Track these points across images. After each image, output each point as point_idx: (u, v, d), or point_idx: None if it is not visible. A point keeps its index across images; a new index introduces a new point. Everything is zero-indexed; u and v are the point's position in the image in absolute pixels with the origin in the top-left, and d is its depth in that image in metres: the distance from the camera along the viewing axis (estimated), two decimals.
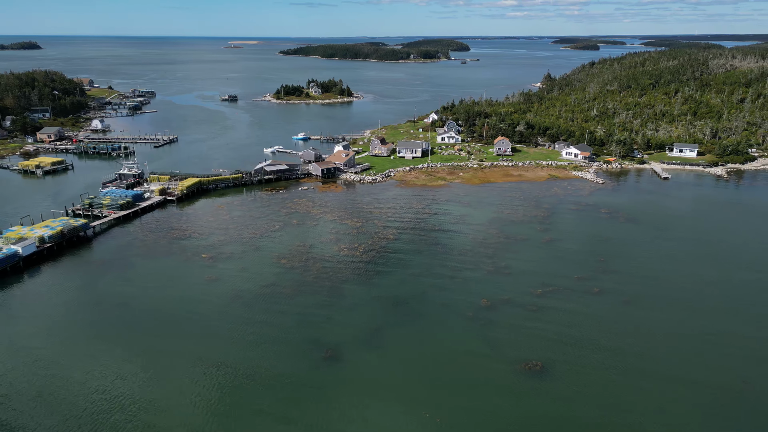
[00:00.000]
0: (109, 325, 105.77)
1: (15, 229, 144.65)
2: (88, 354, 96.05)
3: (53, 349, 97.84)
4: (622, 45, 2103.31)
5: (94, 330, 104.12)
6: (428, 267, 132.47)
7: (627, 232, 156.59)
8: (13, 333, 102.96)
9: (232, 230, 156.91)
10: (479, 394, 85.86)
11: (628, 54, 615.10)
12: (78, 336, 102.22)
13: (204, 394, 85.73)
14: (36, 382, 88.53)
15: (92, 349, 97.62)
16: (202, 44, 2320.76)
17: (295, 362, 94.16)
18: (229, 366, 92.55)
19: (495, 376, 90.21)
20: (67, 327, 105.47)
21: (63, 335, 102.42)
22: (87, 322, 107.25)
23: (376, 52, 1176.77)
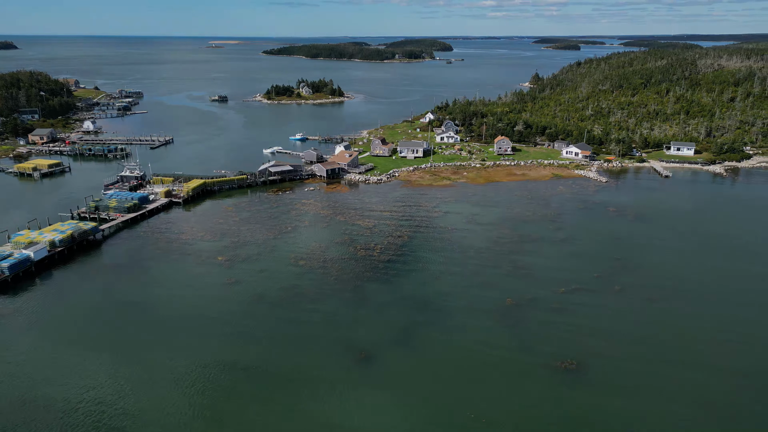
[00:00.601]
0: (136, 330, 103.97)
1: (23, 233, 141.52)
2: (123, 361, 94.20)
3: (83, 356, 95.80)
4: (602, 45, 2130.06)
5: (121, 335, 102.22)
6: (447, 267, 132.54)
7: (638, 229, 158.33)
8: (37, 340, 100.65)
9: (244, 232, 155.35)
10: (518, 393, 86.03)
11: (613, 54, 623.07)
12: (107, 343, 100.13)
13: (248, 398, 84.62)
14: (74, 393, 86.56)
15: (125, 355, 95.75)
16: (182, 44, 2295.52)
17: (331, 364, 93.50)
18: (266, 369, 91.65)
19: (531, 376, 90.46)
20: (93, 333, 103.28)
21: (90, 342, 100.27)
22: (112, 327, 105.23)
23: (361, 52, 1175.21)
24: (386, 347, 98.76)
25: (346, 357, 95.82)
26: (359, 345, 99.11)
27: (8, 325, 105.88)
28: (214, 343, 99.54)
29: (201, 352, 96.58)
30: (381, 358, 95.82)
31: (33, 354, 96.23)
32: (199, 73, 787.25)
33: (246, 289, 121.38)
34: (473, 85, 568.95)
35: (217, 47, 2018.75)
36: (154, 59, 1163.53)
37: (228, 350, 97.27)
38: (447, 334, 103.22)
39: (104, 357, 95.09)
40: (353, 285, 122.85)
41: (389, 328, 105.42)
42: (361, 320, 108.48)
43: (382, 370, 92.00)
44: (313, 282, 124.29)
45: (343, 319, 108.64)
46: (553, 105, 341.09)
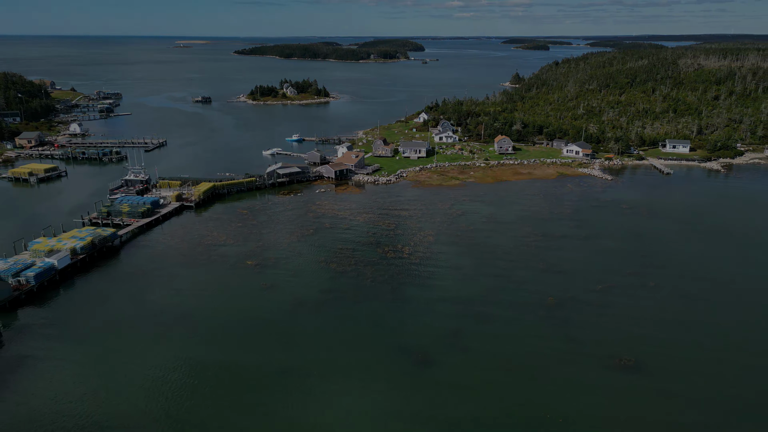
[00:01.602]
0: (183, 339, 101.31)
1: (40, 240, 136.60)
2: (174, 371, 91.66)
3: (135, 366, 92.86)
4: (569, 45, 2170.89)
5: (172, 345, 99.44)
6: (478, 267, 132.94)
7: (655, 226, 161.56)
8: (77, 353, 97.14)
9: (265, 235, 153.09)
10: (585, 392, 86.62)
11: (589, 54, 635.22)
12: (160, 353, 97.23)
13: (324, 401, 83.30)
14: (139, 404, 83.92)
15: (178, 367, 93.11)
16: (147, 44, 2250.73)
17: (393, 366, 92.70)
18: (326, 375, 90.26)
19: (592, 374, 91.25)
20: (139, 343, 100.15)
21: (140, 352, 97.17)
22: (158, 337, 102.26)
23: (336, 52, 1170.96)
24: (442, 349, 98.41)
25: (405, 359, 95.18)
26: (414, 347, 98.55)
27: (45, 337, 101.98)
28: (271, 348, 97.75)
29: (259, 357, 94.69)
30: (440, 359, 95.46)
31: (79, 368, 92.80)
32: (173, 73, 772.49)
33: (284, 293, 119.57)
34: (455, 85, 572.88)
35: (185, 47, 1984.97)
36: (124, 59, 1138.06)
37: (287, 354, 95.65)
38: (498, 334, 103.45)
39: (162, 368, 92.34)
40: (391, 287, 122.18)
41: (438, 329, 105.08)
42: (409, 322, 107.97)
43: (445, 372, 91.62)
44: (349, 284, 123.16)
45: (390, 322, 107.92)
46: (543, 104, 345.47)
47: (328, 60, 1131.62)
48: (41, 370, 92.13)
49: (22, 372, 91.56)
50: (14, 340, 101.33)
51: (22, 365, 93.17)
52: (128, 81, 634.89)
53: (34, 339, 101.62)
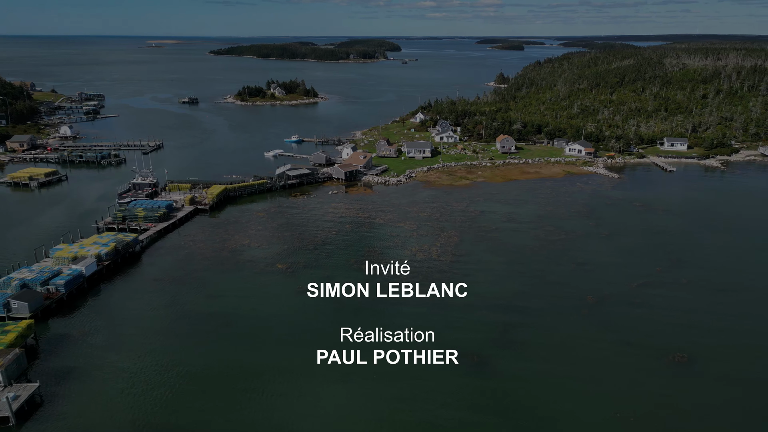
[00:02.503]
0: (234, 348, 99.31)
1: (62, 247, 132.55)
2: (228, 377, 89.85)
3: (188, 377, 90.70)
4: (542, 45, 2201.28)
5: (219, 353, 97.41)
6: (510, 266, 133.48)
7: (672, 223, 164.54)
8: (124, 363, 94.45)
9: (288, 238, 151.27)
10: (648, 390, 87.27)
11: (571, 53, 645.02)
12: (205, 361, 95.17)
13: (384, 409, 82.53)
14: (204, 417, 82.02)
15: (232, 373, 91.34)
16: (117, 43, 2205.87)
17: (448, 369, 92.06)
18: (390, 378, 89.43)
19: (649, 371, 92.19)
20: (186, 351, 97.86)
21: (187, 361, 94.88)
22: (203, 344, 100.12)
23: (314, 52, 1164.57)
24: (492, 349, 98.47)
25: (461, 360, 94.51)
26: (466, 348, 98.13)
27: (86, 346, 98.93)
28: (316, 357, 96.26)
29: (310, 366, 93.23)
30: (494, 360, 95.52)
31: (129, 377, 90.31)
32: (152, 74, 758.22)
33: (322, 296, 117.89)
34: (440, 85, 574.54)
35: (157, 47, 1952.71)
36: (97, 60, 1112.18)
37: (338, 363, 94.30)
38: (546, 333, 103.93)
39: (215, 375, 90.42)
40: (429, 288, 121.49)
41: (485, 329, 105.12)
42: (454, 323, 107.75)
43: (503, 372, 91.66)
44: None
45: (435, 323, 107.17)
46: (536, 104, 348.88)
47: (306, 60, 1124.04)
48: (89, 381, 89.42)
49: (70, 384, 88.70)
50: (54, 351, 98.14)
51: (68, 377, 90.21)
52: (107, 82, 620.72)
53: (75, 349, 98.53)
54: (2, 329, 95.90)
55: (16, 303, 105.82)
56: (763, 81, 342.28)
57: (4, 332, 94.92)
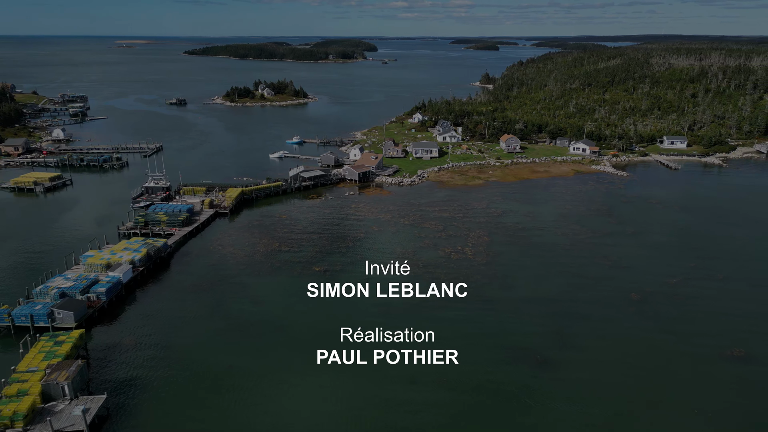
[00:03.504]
0: (290, 353, 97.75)
1: (92, 254, 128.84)
2: (313, 386, 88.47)
3: (260, 386, 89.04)
4: (516, 46, 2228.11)
5: (283, 362, 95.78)
6: (547, 266, 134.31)
7: (692, 220, 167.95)
8: (193, 374, 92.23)
9: (317, 240, 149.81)
10: (715, 387, 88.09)
11: (553, 53, 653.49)
12: (271, 367, 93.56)
13: (445, 410, 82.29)
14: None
15: (313, 385, 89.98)
16: (85, 44, 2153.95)
17: (516, 371, 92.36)
18: (453, 381, 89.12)
19: (713, 366, 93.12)
20: (248, 357, 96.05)
21: (251, 371, 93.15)
22: (263, 351, 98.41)
23: (293, 53, 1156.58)
24: (552, 349, 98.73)
25: (523, 362, 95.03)
26: (525, 349, 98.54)
27: (141, 357, 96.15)
28: (380, 360, 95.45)
29: (379, 370, 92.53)
30: (557, 360, 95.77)
31: (194, 388, 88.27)
32: (131, 75, 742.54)
33: (365, 299, 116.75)
34: (426, 85, 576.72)
35: (128, 47, 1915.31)
36: (69, 60, 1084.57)
37: (402, 366, 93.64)
38: (601, 331, 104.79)
39: (283, 381, 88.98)
40: (472, 288, 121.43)
41: (539, 329, 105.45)
42: (506, 322, 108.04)
43: (571, 373, 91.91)
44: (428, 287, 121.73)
45: (489, 323, 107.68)
46: (530, 103, 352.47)
47: (285, 60, 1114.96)
48: (151, 391, 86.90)
49: (133, 395, 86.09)
50: (107, 360, 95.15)
51: (129, 387, 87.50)
52: (86, 83, 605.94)
53: (129, 358, 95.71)
54: (55, 340, 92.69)
55: (61, 312, 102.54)
56: (749, 80, 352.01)
57: (57, 343, 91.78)
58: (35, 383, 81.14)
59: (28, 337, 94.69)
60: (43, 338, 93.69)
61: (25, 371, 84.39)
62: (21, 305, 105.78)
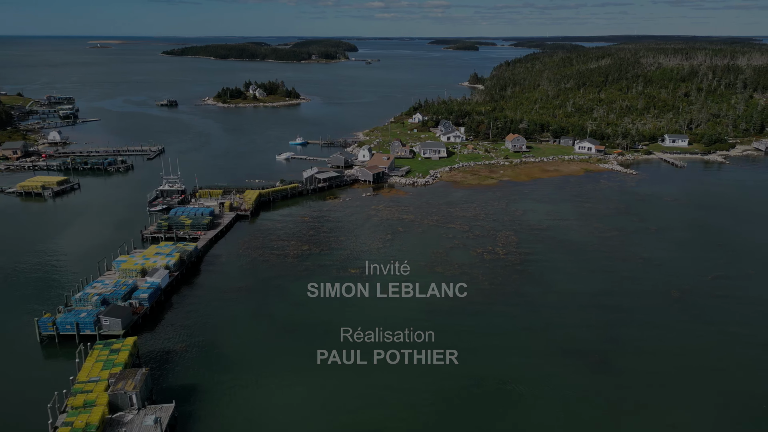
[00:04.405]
0: (352, 355, 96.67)
1: (125, 259, 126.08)
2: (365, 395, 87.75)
3: (320, 391, 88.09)
4: (494, 46, 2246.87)
5: (341, 365, 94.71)
6: (579, 264, 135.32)
7: (711, 217, 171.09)
8: (256, 379, 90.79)
9: (345, 242, 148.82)
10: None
11: (539, 54, 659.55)
12: (331, 373, 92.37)
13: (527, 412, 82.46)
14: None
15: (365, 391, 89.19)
16: (57, 44, 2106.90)
17: (575, 373, 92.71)
18: (516, 381, 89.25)
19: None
20: (306, 360, 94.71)
21: (315, 375, 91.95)
22: (320, 355, 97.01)
23: (275, 53, 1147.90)
24: (606, 349, 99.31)
25: (581, 362, 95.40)
26: (579, 348, 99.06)
27: (194, 364, 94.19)
28: (436, 362, 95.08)
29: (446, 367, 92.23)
30: (615, 359, 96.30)
31: (254, 395, 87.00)
32: (112, 75, 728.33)
33: (408, 300, 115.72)
34: (414, 85, 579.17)
35: (103, 47, 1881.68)
36: (46, 61, 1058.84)
37: (471, 362, 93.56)
38: (652, 329, 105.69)
39: (342, 386, 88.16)
40: (513, 288, 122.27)
41: (587, 328, 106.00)
42: (556, 322, 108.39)
43: (632, 371, 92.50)
44: (469, 288, 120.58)
45: (538, 323, 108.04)
46: (527, 103, 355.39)
47: (267, 60, 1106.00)
48: (214, 399, 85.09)
49: (196, 403, 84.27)
50: (161, 368, 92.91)
51: (190, 395, 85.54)
52: (67, 84, 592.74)
53: (183, 366, 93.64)
54: (110, 348, 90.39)
55: (108, 319, 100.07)
56: (739, 79, 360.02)
57: (113, 351, 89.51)
58: (101, 393, 78.90)
59: (82, 346, 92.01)
60: (97, 347, 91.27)
61: (86, 381, 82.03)
62: (63, 313, 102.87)
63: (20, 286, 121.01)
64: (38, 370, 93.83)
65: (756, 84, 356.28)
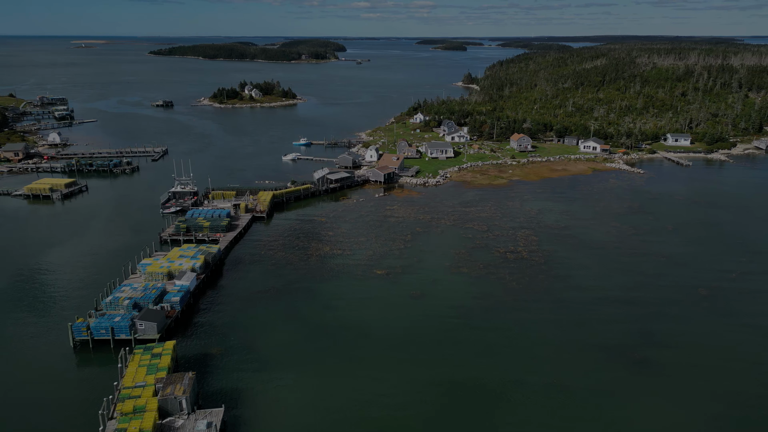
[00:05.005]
0: (385, 357, 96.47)
1: (150, 262, 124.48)
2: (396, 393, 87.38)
3: (360, 391, 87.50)
4: (481, 46, 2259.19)
5: (375, 365, 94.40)
6: (603, 263, 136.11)
7: (724, 215, 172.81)
8: (295, 380, 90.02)
9: (365, 243, 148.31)
10: None
11: (532, 54, 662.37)
12: (369, 373, 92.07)
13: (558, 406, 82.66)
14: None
15: (400, 390, 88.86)
16: (39, 44, 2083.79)
17: (617, 371, 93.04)
18: (563, 377, 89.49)
19: None
20: (342, 362, 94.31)
21: (350, 376, 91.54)
22: (357, 357, 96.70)
23: (264, 53, 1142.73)
24: (643, 347, 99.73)
25: (624, 360, 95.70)
26: (618, 347, 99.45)
27: (233, 367, 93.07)
28: (484, 359, 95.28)
29: (479, 370, 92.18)
30: (654, 357, 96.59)
31: (298, 397, 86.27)
32: (102, 76, 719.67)
33: (439, 301, 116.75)
34: (408, 86, 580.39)
35: (87, 47, 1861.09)
36: (31, 61, 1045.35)
37: (500, 364, 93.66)
38: (683, 325, 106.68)
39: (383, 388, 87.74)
40: (542, 288, 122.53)
41: (622, 327, 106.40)
42: (590, 321, 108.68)
43: (677, 369, 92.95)
44: (497, 288, 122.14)
45: (573, 322, 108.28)
46: (526, 103, 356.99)
47: (257, 60, 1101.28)
48: (258, 402, 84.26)
49: (244, 406, 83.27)
50: (204, 373, 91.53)
51: (236, 399, 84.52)
52: (58, 85, 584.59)
53: (224, 369, 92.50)
54: (151, 352, 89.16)
55: (143, 323, 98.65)
56: (734, 78, 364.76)
57: (155, 355, 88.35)
58: (150, 399, 77.70)
59: (123, 350, 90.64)
60: (137, 351, 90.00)
61: (133, 386, 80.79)
62: (96, 318, 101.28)
63: (45, 291, 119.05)
64: (76, 376, 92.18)
65: (750, 83, 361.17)
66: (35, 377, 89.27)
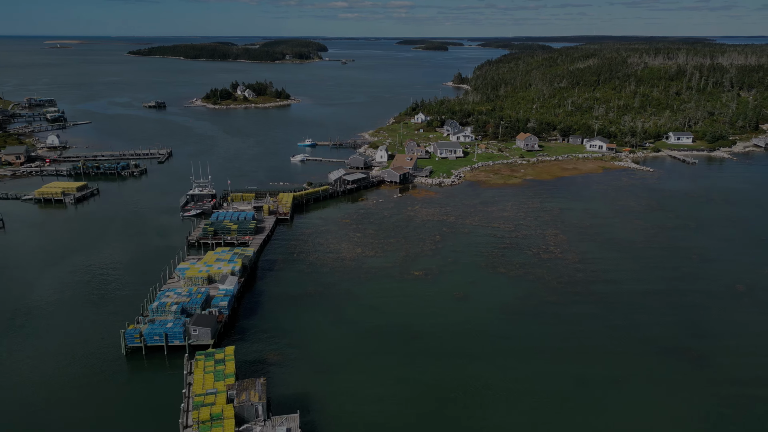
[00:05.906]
0: (439, 358, 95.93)
1: (187, 266, 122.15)
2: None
3: (421, 392, 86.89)
4: (462, 46, 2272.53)
5: (432, 366, 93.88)
6: (636, 262, 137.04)
7: (741, 212, 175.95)
8: (356, 384, 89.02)
9: (396, 244, 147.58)
10: None
11: (520, 54, 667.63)
12: (423, 373, 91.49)
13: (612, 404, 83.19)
14: None
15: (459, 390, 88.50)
16: (11, 44, 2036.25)
17: (678, 367, 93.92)
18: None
19: None
20: (395, 364, 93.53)
21: (415, 380, 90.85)
22: (407, 358, 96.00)
23: (248, 53, 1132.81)
24: (698, 344, 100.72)
25: (681, 359, 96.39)
26: (672, 346, 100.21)
27: (296, 372, 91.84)
28: (544, 360, 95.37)
29: (537, 368, 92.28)
30: (710, 353, 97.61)
31: (366, 401, 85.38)
32: (85, 77, 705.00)
33: (482, 300, 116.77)
34: (399, 86, 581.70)
35: (63, 47, 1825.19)
36: (4, 62, 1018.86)
37: (557, 363, 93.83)
38: (731, 322, 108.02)
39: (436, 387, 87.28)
40: (583, 287, 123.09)
41: (670, 324, 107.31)
42: (638, 320, 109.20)
43: (736, 368, 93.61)
44: (539, 288, 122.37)
45: (621, 321, 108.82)
46: (524, 103, 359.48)
47: (240, 61, 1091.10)
48: (328, 406, 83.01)
49: (315, 411, 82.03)
50: (269, 380, 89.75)
51: (307, 404, 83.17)
52: (41, 86, 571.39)
53: (286, 374, 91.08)
54: (214, 359, 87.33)
55: (197, 329, 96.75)
56: (725, 78, 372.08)
57: (218, 362, 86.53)
58: (226, 406, 76.01)
59: (186, 356, 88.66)
60: (199, 357, 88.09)
61: (204, 393, 79.01)
62: (145, 324, 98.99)
63: (83, 297, 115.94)
64: (136, 384, 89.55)
65: (741, 82, 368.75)
66: (92, 387, 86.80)
